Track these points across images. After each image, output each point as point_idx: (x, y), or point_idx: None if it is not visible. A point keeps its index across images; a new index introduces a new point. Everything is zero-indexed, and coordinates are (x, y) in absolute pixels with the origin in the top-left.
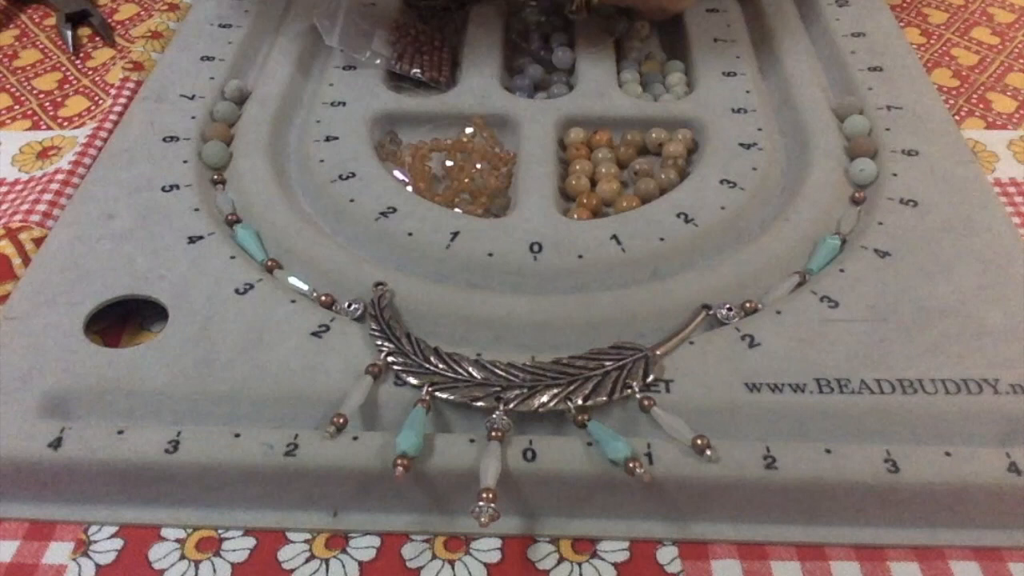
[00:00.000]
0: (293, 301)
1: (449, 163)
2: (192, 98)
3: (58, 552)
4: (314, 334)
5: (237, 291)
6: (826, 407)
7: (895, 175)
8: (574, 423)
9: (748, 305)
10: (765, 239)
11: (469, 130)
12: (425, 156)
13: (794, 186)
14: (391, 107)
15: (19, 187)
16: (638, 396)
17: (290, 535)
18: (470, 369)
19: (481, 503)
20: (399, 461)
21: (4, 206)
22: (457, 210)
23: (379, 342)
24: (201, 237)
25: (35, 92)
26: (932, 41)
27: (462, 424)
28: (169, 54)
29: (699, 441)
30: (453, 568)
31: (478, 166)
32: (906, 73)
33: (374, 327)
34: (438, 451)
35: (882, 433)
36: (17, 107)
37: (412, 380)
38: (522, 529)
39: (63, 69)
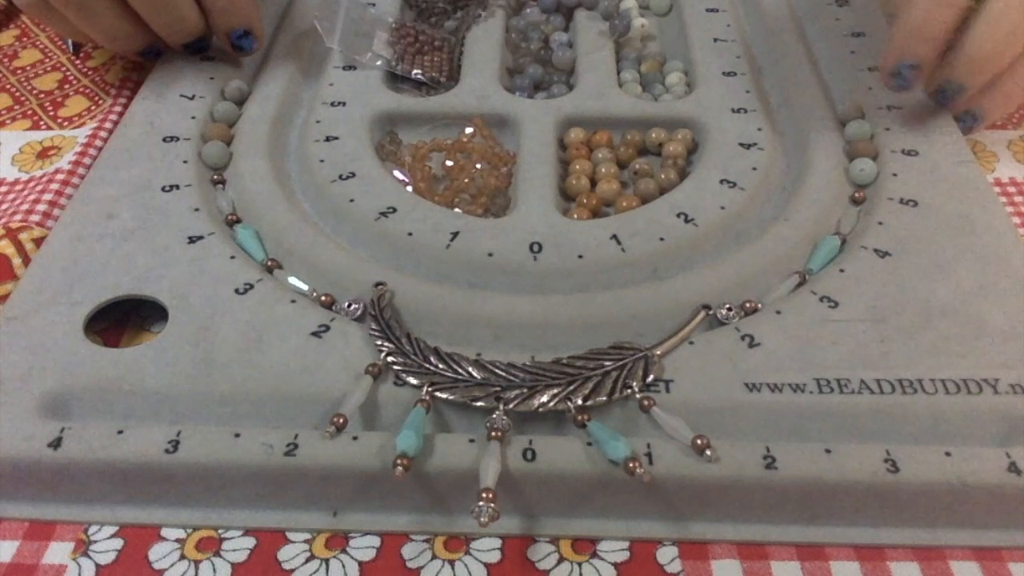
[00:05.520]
0: (293, 301)
1: (449, 163)
2: (192, 98)
3: (58, 552)
4: (314, 334)
5: (237, 291)
6: (826, 407)
7: (895, 175)
8: (574, 423)
9: (748, 305)
10: (765, 239)
11: (469, 130)
12: (425, 156)
13: (794, 186)
14: (391, 107)
15: (19, 187)
16: (638, 396)
17: (290, 535)
18: (470, 369)
19: (481, 503)
20: (399, 461)
21: (4, 206)
22: (457, 210)
23: (379, 342)
24: (201, 237)
25: (35, 92)
26: None
27: (462, 424)
28: (169, 54)
29: (699, 441)
30: (453, 568)
31: (478, 166)
32: None
33: (374, 327)
34: (438, 451)
35: (882, 433)
36: (17, 107)
37: (412, 380)
38: (522, 529)
39: (63, 69)
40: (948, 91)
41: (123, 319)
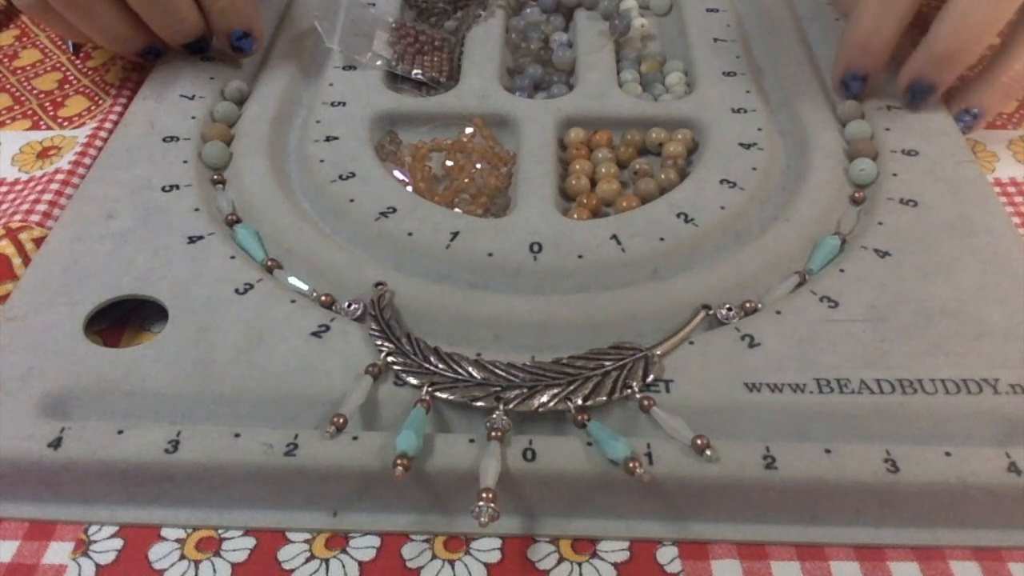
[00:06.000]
0: (293, 301)
1: (449, 163)
2: (192, 98)
3: (58, 552)
4: (314, 334)
5: (237, 291)
6: (826, 407)
7: (895, 175)
8: (574, 423)
9: (748, 305)
10: (765, 239)
11: (469, 130)
12: (425, 156)
13: (794, 186)
14: (391, 107)
15: (19, 187)
16: (638, 396)
17: (290, 535)
18: (470, 369)
19: (481, 503)
20: (399, 461)
21: (4, 206)
22: (457, 210)
23: (379, 342)
24: (201, 237)
25: (35, 92)
26: None
27: (462, 424)
28: (169, 54)
29: (699, 441)
30: (453, 568)
31: (478, 166)
32: None
33: (374, 327)
34: (438, 451)
35: (882, 433)
36: (17, 107)
37: (412, 380)
38: (522, 529)
39: (63, 69)
40: (918, 90)
41: (123, 319)
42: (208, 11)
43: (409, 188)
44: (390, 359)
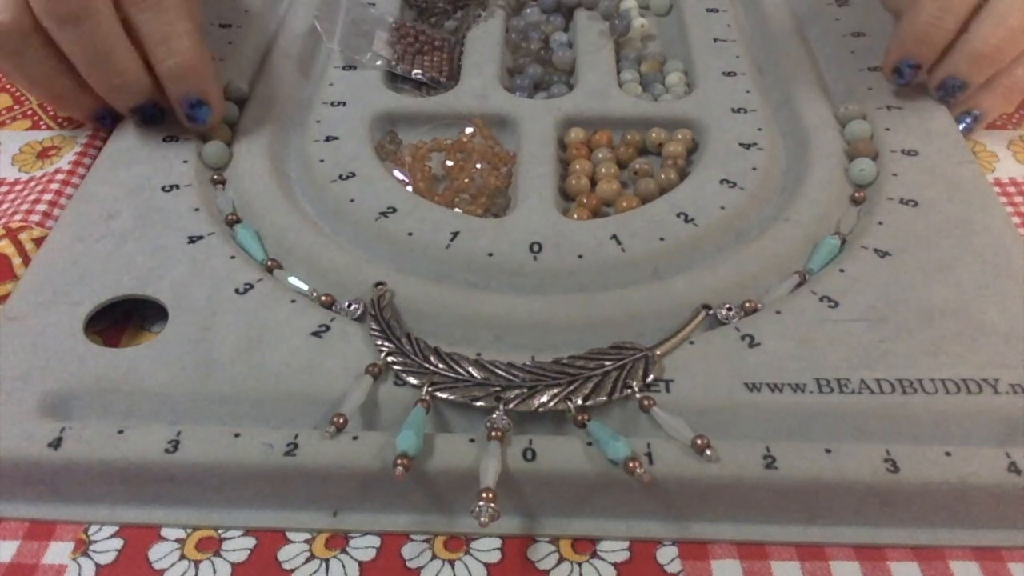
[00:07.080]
0: (293, 301)
1: (449, 163)
2: None
3: (58, 552)
4: (314, 334)
5: (237, 291)
6: (826, 407)
7: (895, 175)
8: (574, 423)
9: (748, 305)
10: (765, 239)
11: (469, 130)
12: (425, 156)
13: (794, 186)
14: (391, 107)
15: (19, 187)
16: (638, 396)
17: (290, 535)
18: (470, 369)
19: (481, 503)
20: (399, 461)
21: (4, 206)
22: (457, 210)
23: (379, 342)
24: (201, 237)
25: None
26: None
27: (462, 424)
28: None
29: (699, 441)
30: (453, 568)
31: (478, 166)
32: None
33: (374, 327)
34: (438, 451)
35: (882, 433)
36: (17, 107)
37: (412, 380)
38: (522, 529)
39: None
40: (951, 87)
41: (123, 319)
42: (157, 71)
43: (409, 188)
44: (390, 359)
